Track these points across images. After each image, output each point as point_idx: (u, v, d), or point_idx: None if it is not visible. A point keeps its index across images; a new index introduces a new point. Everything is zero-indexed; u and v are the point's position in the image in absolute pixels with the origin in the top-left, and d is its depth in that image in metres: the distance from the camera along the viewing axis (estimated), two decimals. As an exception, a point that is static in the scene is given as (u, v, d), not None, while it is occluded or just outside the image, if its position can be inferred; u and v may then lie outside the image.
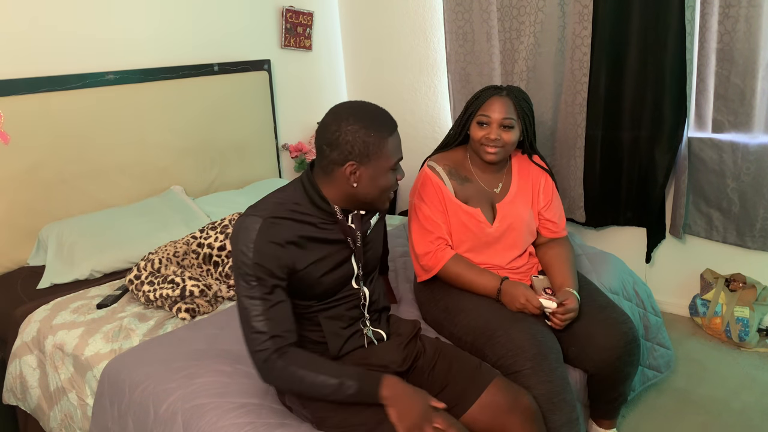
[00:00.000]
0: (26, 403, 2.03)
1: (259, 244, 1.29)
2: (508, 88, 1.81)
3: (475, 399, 1.41)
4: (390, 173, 1.36)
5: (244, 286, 1.30)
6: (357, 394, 1.28)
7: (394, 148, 1.36)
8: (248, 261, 1.28)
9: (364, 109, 1.33)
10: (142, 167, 2.74)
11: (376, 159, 1.32)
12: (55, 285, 2.24)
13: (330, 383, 1.27)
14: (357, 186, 1.34)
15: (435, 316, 1.81)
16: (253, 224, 1.30)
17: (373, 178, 1.34)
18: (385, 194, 1.39)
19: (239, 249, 1.29)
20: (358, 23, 3.61)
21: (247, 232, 1.30)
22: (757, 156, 2.43)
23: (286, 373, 1.28)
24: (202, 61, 2.95)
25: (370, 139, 1.30)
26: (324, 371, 1.29)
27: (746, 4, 2.29)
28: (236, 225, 1.33)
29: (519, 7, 2.84)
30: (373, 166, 1.32)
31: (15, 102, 2.31)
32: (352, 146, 1.29)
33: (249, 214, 1.33)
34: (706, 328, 2.64)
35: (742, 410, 2.12)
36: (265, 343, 1.28)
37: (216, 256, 2.21)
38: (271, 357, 1.27)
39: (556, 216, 1.93)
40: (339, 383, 1.27)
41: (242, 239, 1.30)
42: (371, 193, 1.36)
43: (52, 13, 2.43)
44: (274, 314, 1.29)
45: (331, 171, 1.34)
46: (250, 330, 1.29)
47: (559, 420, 1.52)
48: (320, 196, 1.37)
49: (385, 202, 1.42)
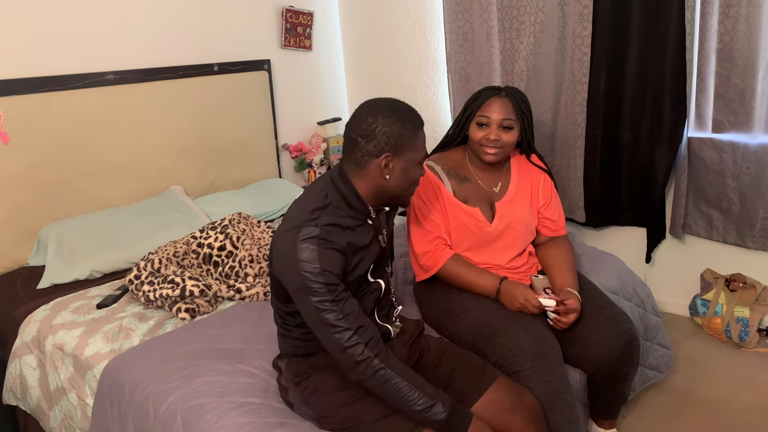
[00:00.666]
0: (26, 403, 2.03)
1: (323, 252, 1.26)
2: (507, 89, 1.81)
3: (479, 397, 1.42)
4: (419, 167, 1.40)
5: (312, 299, 1.25)
6: (444, 422, 1.27)
7: (423, 143, 1.40)
8: (315, 270, 1.24)
9: (396, 104, 1.37)
10: (142, 167, 2.74)
11: (409, 151, 1.35)
12: (55, 285, 2.23)
13: (423, 401, 1.26)
14: (389, 178, 1.35)
15: (435, 316, 1.81)
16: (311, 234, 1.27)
17: (404, 170, 1.36)
18: (413, 188, 1.42)
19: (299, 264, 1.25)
20: (358, 23, 3.61)
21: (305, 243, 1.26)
22: (757, 156, 2.42)
23: (380, 374, 1.26)
24: (202, 61, 2.95)
25: (405, 131, 1.33)
26: (419, 386, 1.27)
27: (746, 4, 2.29)
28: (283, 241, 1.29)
29: (519, 7, 2.84)
30: (405, 158, 1.35)
31: (15, 102, 2.31)
32: (389, 137, 1.31)
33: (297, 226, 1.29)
34: (706, 328, 2.64)
35: (742, 410, 2.12)
36: (352, 338, 1.25)
37: (216, 256, 2.21)
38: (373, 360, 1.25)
39: (555, 215, 1.93)
40: (433, 404, 1.26)
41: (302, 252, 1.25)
42: (401, 186, 1.38)
43: (52, 13, 2.42)
44: (350, 310, 1.28)
45: (365, 163, 1.34)
46: (333, 331, 1.26)
47: (559, 420, 1.52)
48: (355, 194, 1.36)
49: (410, 196, 1.45)
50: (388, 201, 1.43)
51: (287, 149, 3.45)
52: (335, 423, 1.36)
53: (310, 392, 1.41)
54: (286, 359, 1.50)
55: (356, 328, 1.27)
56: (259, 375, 1.60)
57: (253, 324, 1.87)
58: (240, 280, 2.16)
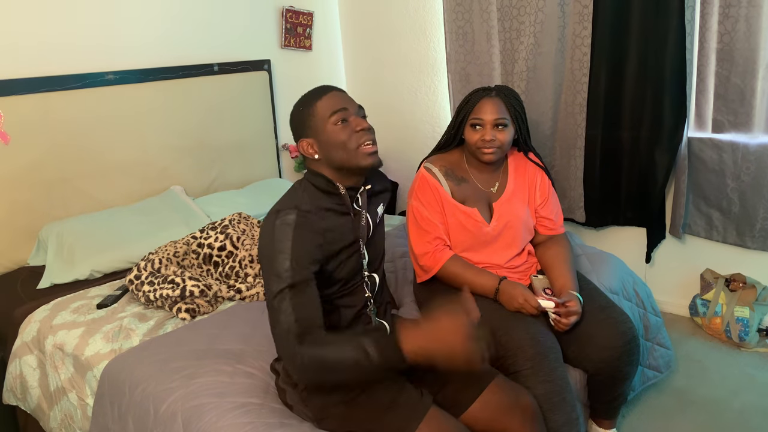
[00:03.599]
0: (26, 403, 2.03)
1: (298, 233, 1.27)
2: (497, 88, 1.82)
3: (476, 397, 1.42)
4: (337, 128, 1.35)
5: (276, 280, 1.24)
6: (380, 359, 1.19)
7: (326, 106, 1.36)
8: (285, 249, 1.25)
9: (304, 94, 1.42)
10: (142, 167, 2.74)
11: (313, 124, 1.37)
12: (55, 285, 2.24)
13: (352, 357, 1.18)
14: (319, 156, 1.38)
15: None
16: (289, 215, 1.30)
17: (325, 141, 1.36)
18: (347, 147, 1.35)
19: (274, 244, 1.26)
20: (358, 23, 3.61)
21: (282, 225, 1.28)
22: (757, 156, 2.42)
23: (312, 360, 1.19)
24: (202, 61, 2.95)
25: (301, 111, 1.39)
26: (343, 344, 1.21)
27: (746, 4, 2.29)
28: (264, 223, 1.33)
29: (519, 7, 2.84)
30: (314, 131, 1.37)
31: (15, 102, 2.31)
32: (296, 126, 1.41)
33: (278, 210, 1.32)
34: (706, 328, 2.64)
35: (742, 410, 2.12)
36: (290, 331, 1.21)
37: (216, 256, 2.21)
38: (297, 348, 1.20)
39: (553, 213, 1.93)
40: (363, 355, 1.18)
41: (277, 231, 1.27)
42: (338, 154, 1.35)
43: (51, 13, 2.42)
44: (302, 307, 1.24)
45: (304, 156, 1.42)
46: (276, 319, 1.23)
47: (559, 420, 1.52)
48: (324, 178, 1.39)
49: (361, 159, 1.36)
50: (351, 170, 1.38)
51: (287, 149, 3.45)
52: (334, 422, 1.36)
53: (308, 393, 1.41)
54: None
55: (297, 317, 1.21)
56: (259, 375, 1.60)
57: (253, 324, 1.87)
58: (240, 280, 2.17)
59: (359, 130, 1.35)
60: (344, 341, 1.23)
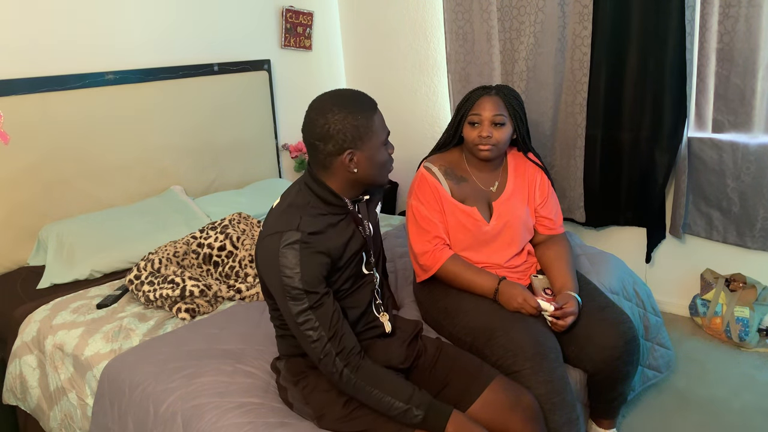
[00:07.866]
0: (26, 403, 2.03)
1: (305, 257, 1.27)
2: (497, 87, 1.83)
3: (477, 396, 1.42)
4: (383, 148, 1.38)
5: (291, 304, 1.28)
6: (422, 424, 1.29)
7: (381, 124, 1.38)
8: (295, 276, 1.27)
9: (341, 96, 1.35)
10: (142, 167, 2.74)
11: (368, 139, 1.34)
12: (55, 285, 2.24)
13: (397, 406, 1.29)
14: (357, 171, 1.35)
15: (434, 316, 1.81)
16: (293, 238, 1.28)
17: (370, 158, 1.35)
18: (384, 169, 1.40)
19: (280, 269, 1.27)
20: (358, 23, 3.61)
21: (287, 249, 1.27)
22: (757, 156, 2.42)
23: (356, 387, 1.31)
24: (202, 61, 2.95)
25: (358, 122, 1.31)
26: (393, 393, 1.30)
27: (746, 4, 2.29)
28: (266, 246, 1.31)
29: (519, 7, 2.84)
30: (367, 146, 1.34)
31: (15, 102, 2.31)
32: (345, 134, 1.31)
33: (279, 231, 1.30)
34: (706, 328, 2.64)
35: (742, 410, 2.12)
36: (325, 348, 1.28)
37: (216, 256, 2.21)
38: (343, 371, 1.29)
39: (553, 213, 1.93)
40: (406, 409, 1.29)
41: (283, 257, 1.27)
42: (372, 173, 1.37)
43: (51, 13, 2.42)
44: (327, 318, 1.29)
45: (330, 164, 1.34)
46: (309, 340, 1.29)
47: (559, 420, 1.52)
48: (330, 192, 1.37)
49: (385, 177, 1.43)
50: (365, 188, 1.43)
51: (287, 149, 3.45)
52: (335, 420, 1.37)
53: (309, 391, 1.41)
54: (284, 359, 1.50)
55: (330, 337, 1.28)
56: (259, 375, 1.60)
57: (253, 324, 1.88)
58: (240, 280, 2.17)
59: (391, 153, 1.41)
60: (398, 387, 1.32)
